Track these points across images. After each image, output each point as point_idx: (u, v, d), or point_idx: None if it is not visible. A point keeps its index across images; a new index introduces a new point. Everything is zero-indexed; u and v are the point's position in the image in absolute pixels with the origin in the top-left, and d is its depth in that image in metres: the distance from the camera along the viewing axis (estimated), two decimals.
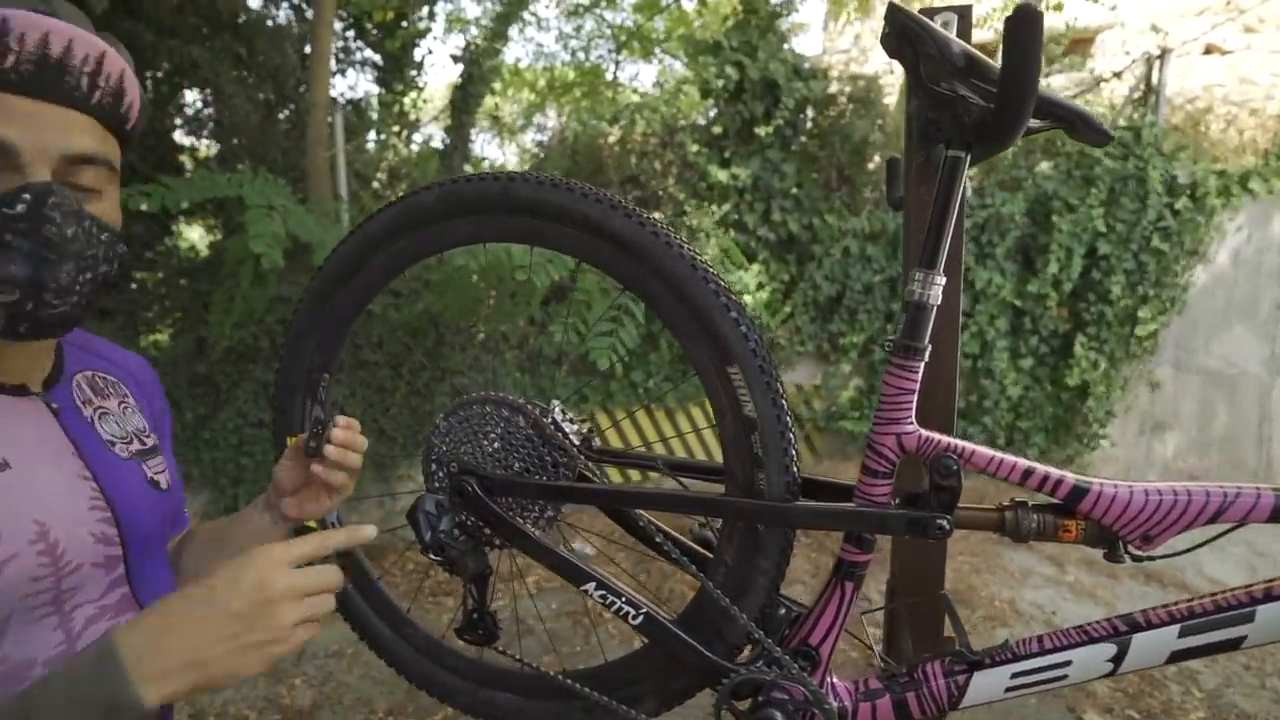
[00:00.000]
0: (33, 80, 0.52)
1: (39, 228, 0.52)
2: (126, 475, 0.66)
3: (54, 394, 0.64)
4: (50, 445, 0.61)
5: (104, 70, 0.57)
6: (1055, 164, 4.05)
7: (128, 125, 0.61)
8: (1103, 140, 0.74)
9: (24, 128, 0.52)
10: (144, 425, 0.73)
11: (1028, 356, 4.12)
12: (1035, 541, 0.78)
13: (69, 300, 0.56)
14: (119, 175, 0.62)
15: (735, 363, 0.82)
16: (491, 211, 0.89)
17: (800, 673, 0.84)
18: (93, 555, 0.61)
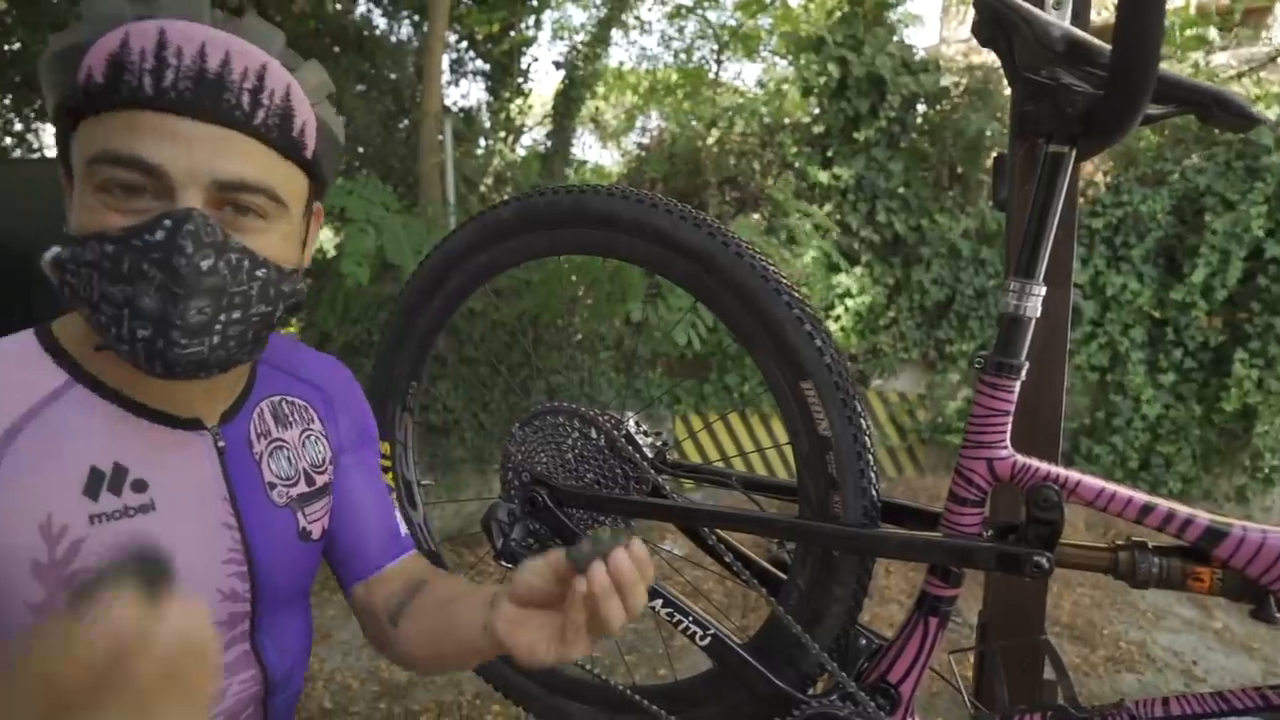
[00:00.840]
0: (188, 98, 0.47)
1: (170, 260, 0.46)
2: (276, 525, 0.61)
3: (227, 429, 0.59)
4: (203, 488, 0.57)
5: (266, 86, 0.50)
6: (1210, 155, 3.60)
7: (304, 151, 0.54)
8: (1248, 124, 0.63)
9: (175, 148, 0.47)
10: (325, 457, 0.67)
11: (1169, 371, 3.69)
12: (1158, 588, 0.68)
13: (204, 341, 0.49)
14: (298, 207, 0.55)
15: (809, 378, 0.78)
16: (565, 225, 0.89)
17: (877, 711, 0.78)
18: (215, 614, 0.57)
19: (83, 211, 0.49)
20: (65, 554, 0.49)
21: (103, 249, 0.47)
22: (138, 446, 0.54)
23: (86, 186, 0.48)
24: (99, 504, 0.51)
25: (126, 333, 0.48)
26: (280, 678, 0.62)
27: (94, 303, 0.48)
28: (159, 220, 0.46)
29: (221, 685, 0.57)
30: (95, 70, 0.47)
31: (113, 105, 0.47)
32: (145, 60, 0.46)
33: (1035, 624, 0.96)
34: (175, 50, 0.47)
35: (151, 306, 0.47)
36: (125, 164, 0.47)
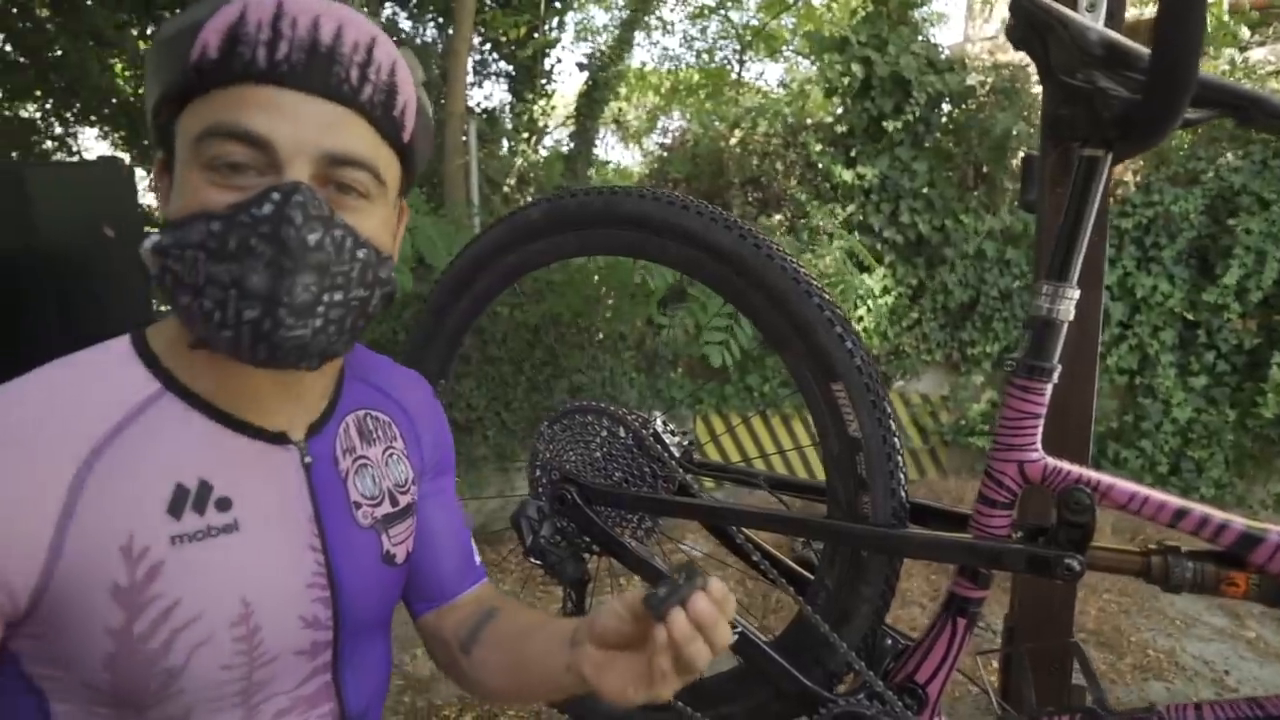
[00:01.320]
0: (299, 70, 0.45)
1: (279, 230, 0.44)
2: (361, 548, 0.58)
3: (314, 443, 0.56)
4: (289, 507, 0.54)
5: (374, 60, 0.48)
6: (1245, 154, 3.52)
7: (403, 134, 0.52)
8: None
9: (284, 121, 0.45)
10: (407, 477, 0.63)
11: (1201, 375, 3.62)
12: (1191, 593, 0.68)
13: (309, 323, 0.46)
14: (393, 192, 0.53)
15: (839, 380, 0.79)
16: (596, 225, 0.91)
17: (904, 711, 0.79)
18: (296, 643, 0.53)
19: (185, 193, 0.47)
20: (144, 577, 0.47)
21: (208, 228, 0.45)
22: (224, 461, 0.51)
23: (192, 166, 0.46)
24: (182, 524, 0.48)
25: (232, 316, 0.45)
26: (356, 713, 0.58)
27: (198, 287, 0.45)
28: (267, 193, 0.44)
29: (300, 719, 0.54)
30: (210, 45, 0.45)
31: (224, 80, 0.45)
32: (261, 32, 0.45)
33: (1063, 628, 0.96)
34: (290, 21, 0.45)
35: (259, 284, 0.44)
36: (233, 136, 0.45)
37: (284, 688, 0.53)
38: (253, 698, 0.51)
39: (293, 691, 0.54)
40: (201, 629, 0.48)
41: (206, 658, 0.48)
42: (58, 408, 0.47)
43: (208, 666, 0.48)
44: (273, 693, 0.52)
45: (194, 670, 0.48)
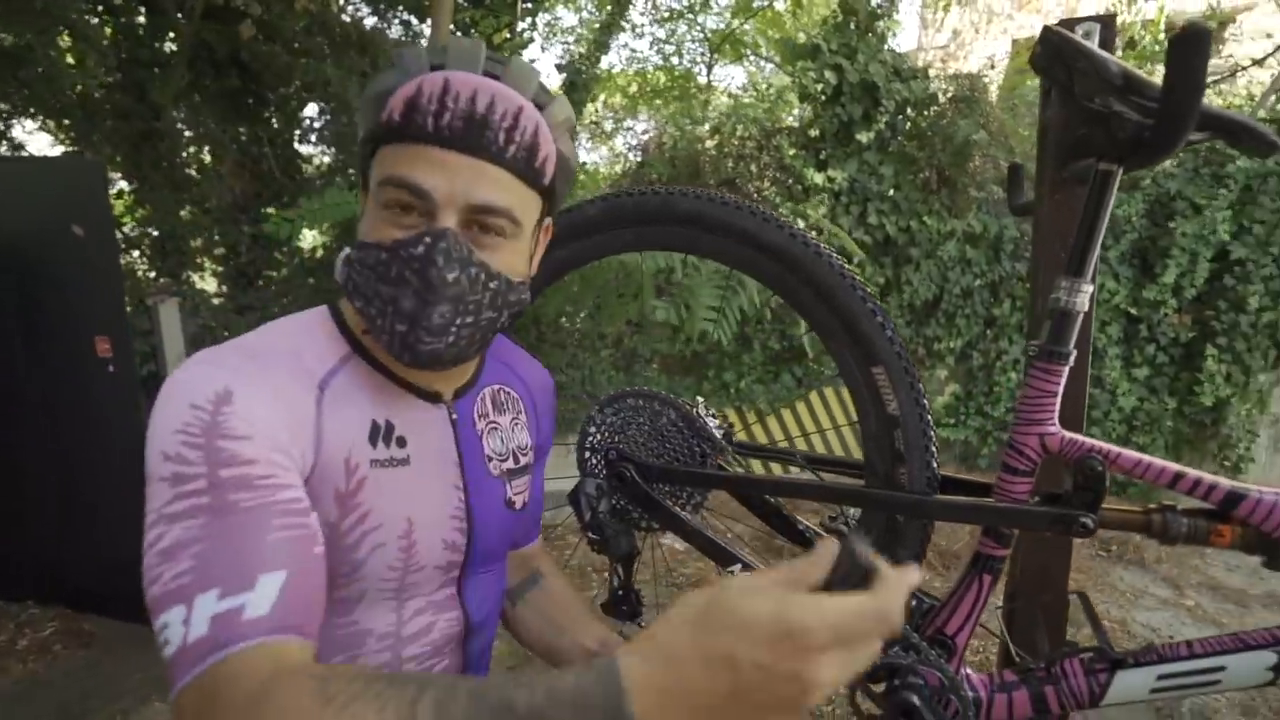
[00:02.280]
0: (457, 135, 0.56)
1: (426, 271, 0.56)
2: (490, 492, 0.70)
3: (459, 405, 0.69)
4: (442, 451, 0.67)
5: (520, 125, 0.59)
6: (1179, 162, 3.81)
7: (544, 180, 0.62)
8: (1269, 150, 0.75)
9: (441, 176, 0.56)
10: (527, 442, 0.77)
11: (1143, 366, 3.90)
12: (1185, 545, 0.79)
13: (442, 339, 0.59)
14: (529, 226, 0.63)
15: (880, 364, 0.88)
16: (652, 223, 0.98)
17: (938, 659, 0.88)
18: (438, 559, 0.65)
19: (370, 224, 0.60)
20: (354, 487, 0.59)
21: (379, 256, 0.58)
22: (398, 410, 0.64)
23: (375, 203, 0.59)
24: (377, 451, 0.61)
25: (388, 325, 0.58)
26: (477, 623, 0.71)
27: (368, 296, 0.59)
28: (421, 237, 0.57)
29: (433, 620, 0.67)
30: (395, 111, 0.57)
31: (403, 139, 0.57)
32: (431, 104, 0.56)
33: (1060, 583, 1.08)
34: (454, 95, 0.57)
35: (408, 307, 0.57)
36: (403, 186, 0.57)
37: (423, 592, 0.66)
38: (403, 595, 0.64)
39: (429, 596, 0.67)
40: (381, 535, 0.60)
41: (379, 558, 0.61)
42: (293, 350, 0.60)
43: (379, 565, 0.61)
44: (415, 595, 0.65)
45: (371, 565, 0.60)
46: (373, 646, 0.63)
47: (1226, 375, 3.72)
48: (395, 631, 0.64)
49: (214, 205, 4.53)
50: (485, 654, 0.75)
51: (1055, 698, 0.86)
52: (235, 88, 4.50)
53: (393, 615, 0.64)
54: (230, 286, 4.50)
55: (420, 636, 0.66)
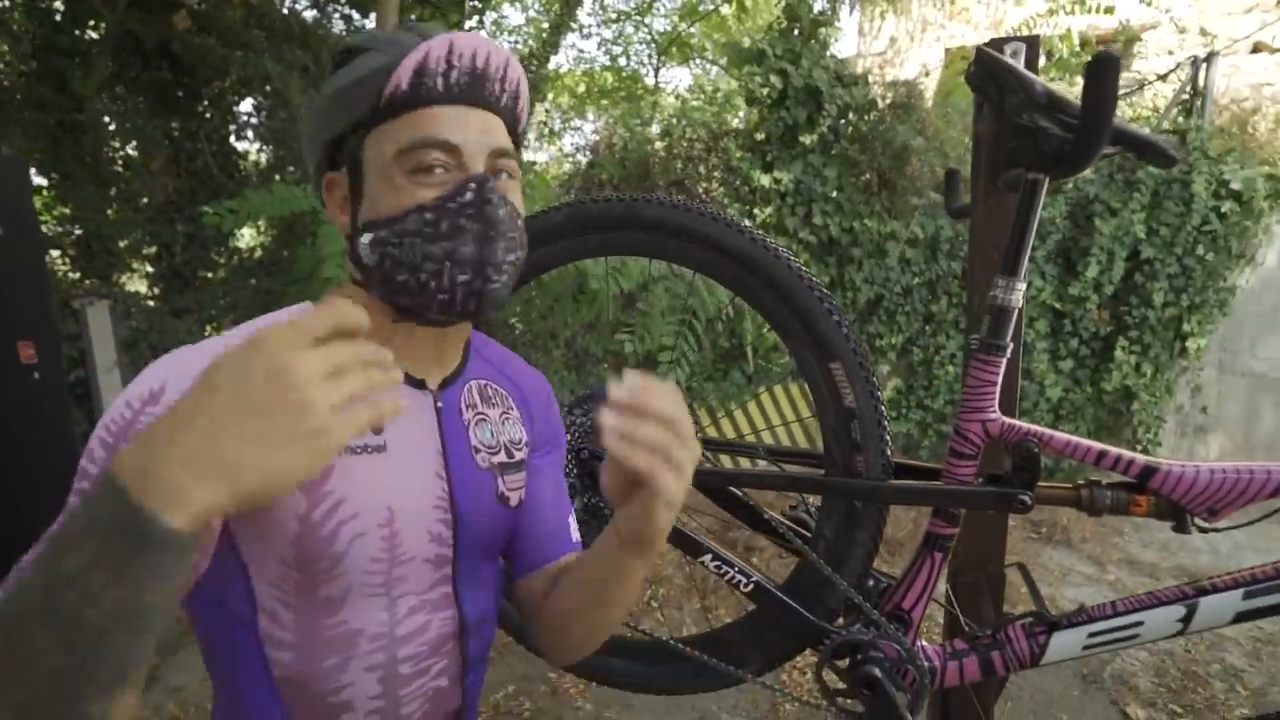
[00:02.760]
0: (466, 90, 0.59)
1: (483, 210, 0.58)
2: (478, 484, 0.67)
3: (445, 394, 0.67)
4: (423, 440, 0.64)
5: (509, 75, 0.62)
6: (1097, 169, 4.07)
7: (520, 126, 0.65)
8: (1169, 164, 0.84)
9: (464, 130, 0.58)
10: (521, 438, 0.73)
11: (1068, 359, 4.16)
12: (1109, 515, 0.88)
13: (502, 278, 0.60)
14: None
15: (838, 359, 0.94)
16: (617, 229, 1.02)
17: (896, 633, 0.95)
18: (425, 551, 0.63)
19: (393, 195, 0.58)
20: (320, 475, 0.57)
21: (423, 217, 0.58)
22: (380, 396, 0.60)
23: (394, 174, 0.58)
24: None
25: (448, 282, 0.58)
26: (473, 622, 0.68)
27: (415, 264, 0.58)
28: (465, 185, 0.58)
29: (428, 619, 0.65)
30: (403, 80, 0.58)
31: (413, 105, 0.58)
32: (440, 65, 0.58)
33: (998, 557, 1.17)
34: (459, 55, 0.58)
35: (470, 253, 0.58)
36: (434, 145, 0.58)
37: (414, 589, 0.64)
38: (392, 590, 0.62)
39: (422, 594, 0.64)
40: (359, 524, 0.59)
41: (361, 548, 0.59)
42: None
43: (362, 556, 0.59)
44: (406, 591, 0.63)
45: (353, 557, 0.59)
46: (365, 647, 0.62)
47: (1136, 366, 4.01)
48: (389, 631, 0.62)
49: (145, 203, 4.32)
50: (484, 657, 0.73)
51: (1001, 661, 0.94)
52: (165, 80, 4.30)
53: (384, 614, 0.62)
54: (164, 288, 4.30)
55: (416, 636, 0.64)
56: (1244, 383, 4.12)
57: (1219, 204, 3.84)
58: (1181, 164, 3.86)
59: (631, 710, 2.36)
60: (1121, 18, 4.35)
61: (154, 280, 4.49)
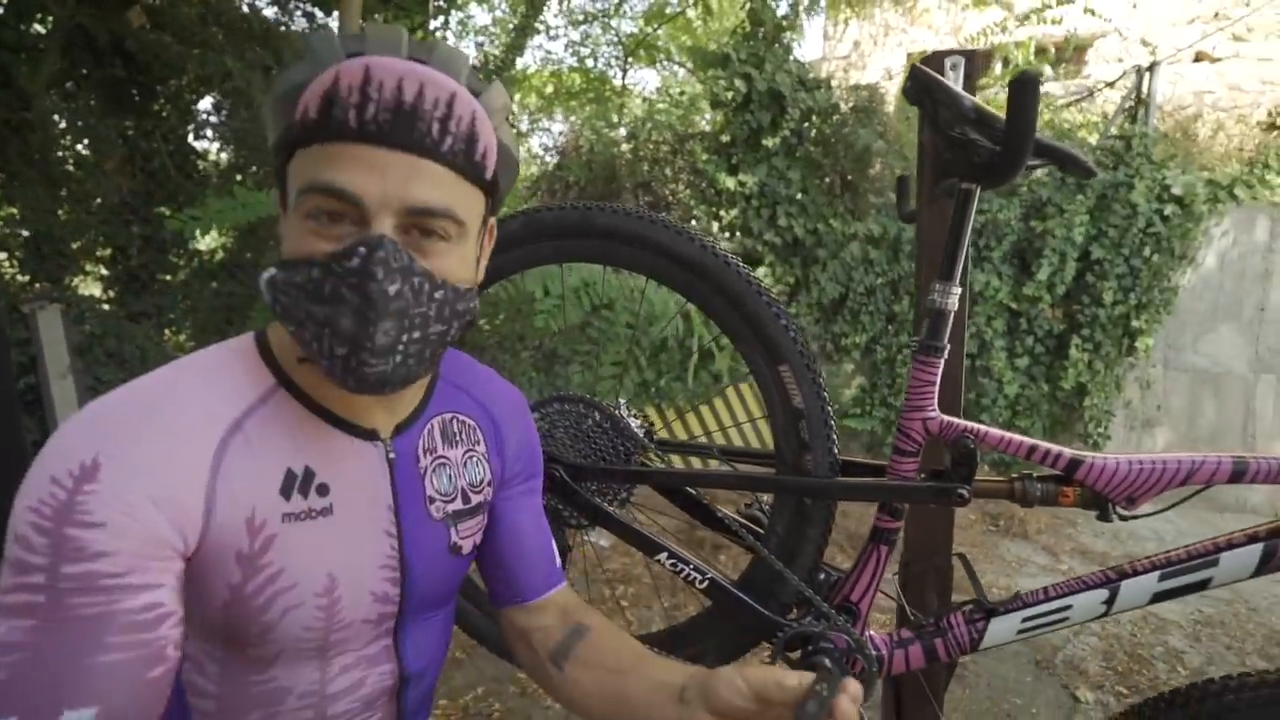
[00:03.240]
0: (386, 129, 0.49)
1: (365, 284, 0.49)
2: (430, 538, 0.64)
3: (399, 441, 0.62)
4: (373, 495, 0.60)
5: (455, 113, 0.52)
6: (1049, 170, 4.22)
7: (485, 174, 0.56)
8: (1088, 175, 0.90)
9: (371, 177, 0.49)
10: (484, 478, 0.69)
11: (1024, 356, 4.30)
12: (1040, 506, 0.93)
13: (390, 360, 0.52)
14: (474, 227, 0.57)
15: (786, 362, 0.98)
16: (571, 236, 1.04)
17: (845, 624, 0.99)
18: (367, 613, 0.60)
19: (294, 237, 0.53)
20: (260, 547, 0.54)
21: (310, 273, 0.51)
22: (324, 452, 0.57)
23: (297, 214, 0.52)
24: (290, 504, 0.55)
25: (327, 349, 0.51)
26: (414, 673, 0.65)
27: (300, 320, 0.52)
28: (355, 248, 0.49)
29: (363, 675, 0.62)
30: (310, 107, 0.51)
31: (323, 138, 0.50)
32: (352, 96, 0.49)
33: (945, 548, 1.22)
34: (377, 85, 0.49)
35: (348, 328, 0.50)
36: (328, 193, 0.50)
37: (352, 647, 0.61)
38: (327, 653, 0.59)
39: (359, 651, 0.61)
40: (295, 595, 0.55)
41: (295, 618, 0.56)
42: (199, 393, 0.54)
43: (294, 625, 0.56)
44: (342, 650, 0.60)
45: (284, 627, 0.55)
46: (293, 704, 0.58)
47: (1088, 363, 4.16)
48: (319, 690, 0.59)
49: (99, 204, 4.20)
50: (425, 703, 0.70)
51: (943, 647, 0.99)
52: (119, 78, 4.19)
53: (316, 673, 0.59)
54: (120, 291, 4.19)
55: (349, 693, 0.61)
56: (1187, 378, 4.30)
57: (1162, 207, 4.01)
58: (1126, 168, 4.02)
59: None
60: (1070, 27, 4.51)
61: (109, 283, 4.37)
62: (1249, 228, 4.12)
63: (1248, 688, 0.83)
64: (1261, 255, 4.09)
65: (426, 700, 0.70)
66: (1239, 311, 4.17)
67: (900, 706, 1.30)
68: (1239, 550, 0.85)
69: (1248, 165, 4.27)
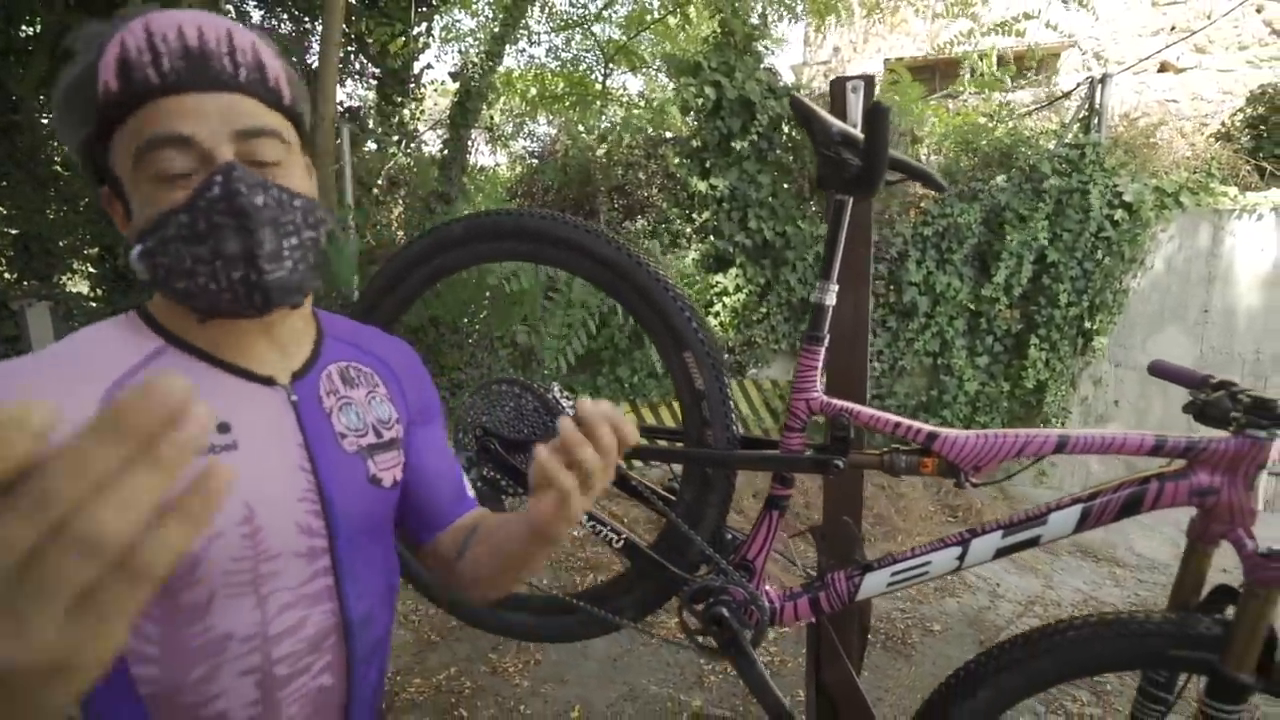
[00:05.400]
0: (185, 75, 0.52)
1: (234, 203, 0.52)
2: (346, 470, 0.65)
3: (298, 386, 0.64)
4: (280, 435, 0.61)
5: (237, 46, 0.55)
6: (1009, 177, 4.39)
7: (284, 100, 0.59)
8: (940, 191, 1.04)
9: (194, 119, 0.52)
10: (391, 415, 0.71)
11: (984, 355, 4.46)
12: (906, 476, 1.07)
13: (283, 265, 0.56)
14: (298, 148, 0.61)
15: (688, 349, 1.12)
16: (506, 238, 1.18)
17: (741, 578, 1.13)
18: (295, 545, 0.60)
19: (146, 205, 0.54)
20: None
21: (178, 219, 0.53)
22: (223, 397, 0.59)
23: (141, 181, 0.54)
24: None
25: (225, 281, 0.54)
26: (358, 617, 0.65)
27: (188, 270, 0.54)
28: (210, 179, 0.53)
29: (304, 614, 0.61)
30: (110, 81, 0.53)
31: (133, 105, 0.53)
32: (143, 55, 0.52)
33: (854, 512, 1.36)
34: (161, 36, 0.52)
35: (234, 247, 0.53)
36: (162, 144, 0.52)
37: (288, 584, 0.60)
38: (261, 588, 0.59)
39: (296, 589, 0.61)
40: (215, 524, 0.55)
41: (220, 549, 0.56)
42: (79, 360, 0.56)
43: (221, 556, 0.56)
44: (278, 587, 0.60)
45: (211, 557, 0.55)
46: (236, 650, 0.58)
47: (1046, 361, 4.34)
48: (260, 631, 0.59)
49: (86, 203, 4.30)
50: (378, 654, 0.70)
51: (826, 600, 1.13)
52: None
53: (255, 613, 0.58)
54: (108, 289, 4.29)
55: (292, 633, 0.61)
56: (1136, 376, 4.48)
57: (1113, 213, 4.18)
58: (1080, 175, 4.19)
59: (566, 685, 2.52)
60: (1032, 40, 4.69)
61: (96, 281, 4.47)
62: (1194, 233, 4.31)
63: (1065, 629, 0.98)
64: (1205, 260, 4.28)
65: (379, 651, 0.69)
66: (1185, 313, 4.36)
67: (819, 664, 1.44)
68: (1064, 511, 1.00)
69: (1193, 173, 4.46)
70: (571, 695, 2.46)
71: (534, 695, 2.48)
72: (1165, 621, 0.96)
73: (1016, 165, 4.39)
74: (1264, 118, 5.23)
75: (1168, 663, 0.97)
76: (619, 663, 2.65)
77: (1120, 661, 0.98)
